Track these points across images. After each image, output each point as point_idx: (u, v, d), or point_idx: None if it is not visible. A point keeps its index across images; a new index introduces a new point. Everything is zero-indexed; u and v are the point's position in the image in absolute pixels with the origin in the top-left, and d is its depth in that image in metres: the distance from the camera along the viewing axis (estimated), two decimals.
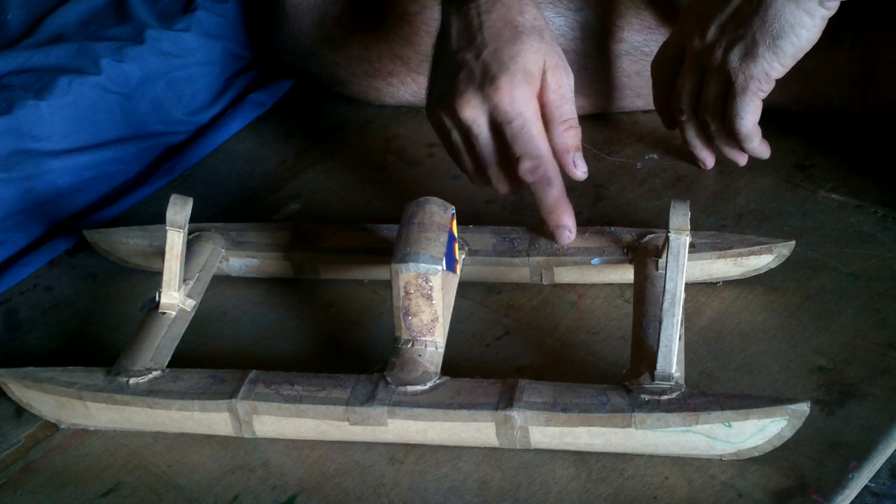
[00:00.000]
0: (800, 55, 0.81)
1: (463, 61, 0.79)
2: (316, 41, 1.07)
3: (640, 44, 0.99)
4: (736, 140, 0.87)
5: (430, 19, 1.01)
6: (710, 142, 0.92)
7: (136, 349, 0.76)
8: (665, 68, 0.91)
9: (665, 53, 0.91)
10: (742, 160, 0.91)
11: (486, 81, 0.77)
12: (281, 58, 1.14)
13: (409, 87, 1.06)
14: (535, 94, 0.78)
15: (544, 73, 0.79)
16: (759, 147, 0.89)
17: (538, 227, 0.83)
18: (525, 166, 0.77)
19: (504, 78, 0.76)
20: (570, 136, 0.80)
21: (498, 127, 0.78)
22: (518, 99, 0.77)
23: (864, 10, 0.91)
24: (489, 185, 0.83)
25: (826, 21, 0.79)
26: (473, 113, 0.78)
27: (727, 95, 0.85)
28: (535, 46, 0.78)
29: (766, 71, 0.82)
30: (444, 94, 0.80)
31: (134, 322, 0.84)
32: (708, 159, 0.93)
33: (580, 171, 0.81)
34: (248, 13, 1.17)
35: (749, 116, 0.85)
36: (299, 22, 1.08)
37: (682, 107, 0.89)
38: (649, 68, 0.96)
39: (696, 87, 0.88)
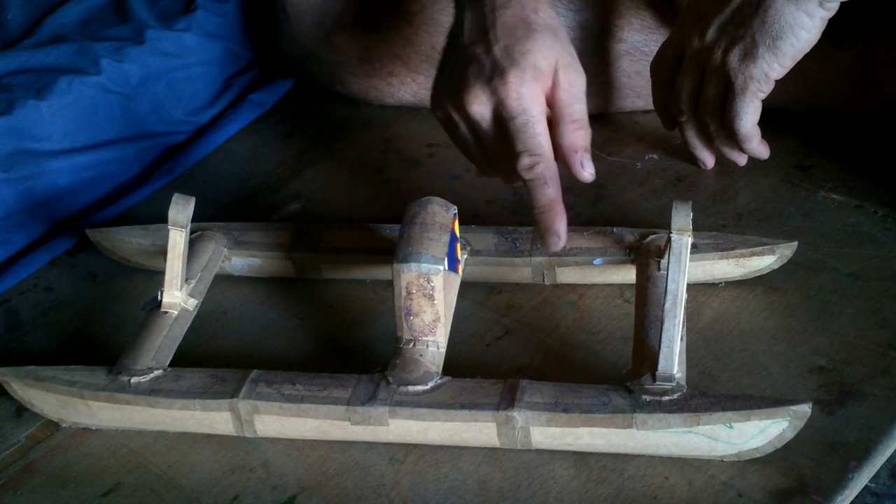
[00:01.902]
0: (799, 56, 0.81)
1: (473, 55, 0.78)
2: (316, 42, 1.07)
3: (639, 44, 0.99)
4: (735, 140, 0.88)
5: (431, 19, 1.01)
6: (709, 142, 0.92)
7: (137, 348, 0.76)
8: (664, 69, 0.91)
9: (664, 54, 0.91)
10: (742, 160, 0.92)
11: (494, 75, 0.76)
12: (281, 58, 1.14)
13: (409, 87, 1.06)
14: (544, 92, 0.77)
15: (556, 72, 0.77)
16: (759, 147, 0.89)
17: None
18: (523, 163, 0.75)
19: (513, 73, 0.76)
20: (580, 136, 0.78)
21: (502, 122, 0.77)
22: (525, 95, 0.75)
23: (864, 10, 0.92)
24: (498, 177, 0.83)
25: (826, 22, 0.79)
26: (481, 108, 0.77)
27: (727, 96, 0.85)
28: (548, 44, 0.77)
29: (765, 72, 0.82)
30: (452, 87, 0.79)
31: (134, 322, 0.84)
32: (708, 160, 0.93)
33: (587, 171, 0.79)
34: (248, 13, 1.17)
35: (748, 117, 0.85)
36: (299, 23, 1.08)
37: (682, 107, 0.89)
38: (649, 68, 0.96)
39: (695, 87, 0.88)
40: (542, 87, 0.77)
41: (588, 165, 0.78)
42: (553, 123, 0.78)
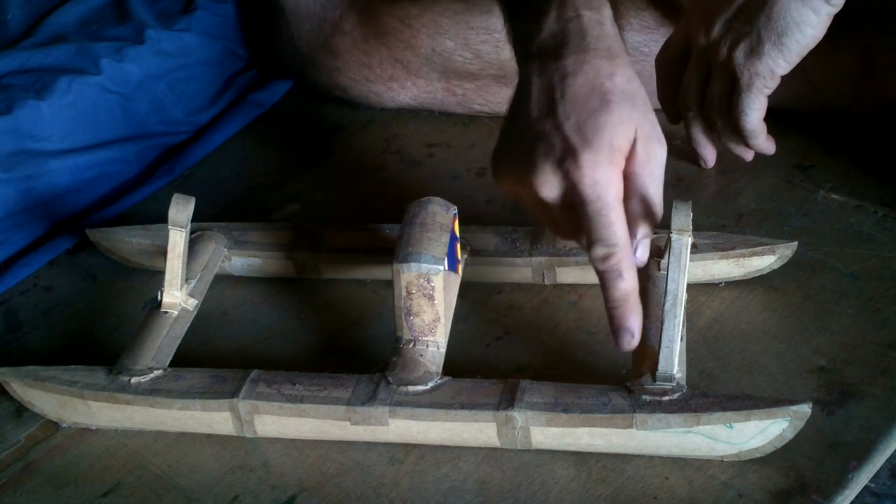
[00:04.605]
0: (805, 52, 0.81)
1: (542, 132, 0.69)
2: (315, 47, 1.07)
3: (639, 44, 0.99)
4: (741, 136, 0.87)
5: (431, 22, 1.01)
6: (714, 139, 0.92)
7: (137, 348, 0.76)
8: (670, 65, 0.91)
9: (670, 50, 0.90)
10: (748, 156, 0.91)
11: (566, 157, 0.68)
12: (282, 65, 1.14)
13: (409, 90, 1.06)
14: (620, 172, 0.69)
15: (634, 143, 0.68)
16: (765, 143, 0.88)
17: (539, 227, 0.83)
18: (597, 253, 0.68)
19: (586, 155, 0.67)
20: (646, 218, 0.70)
21: (575, 205, 0.69)
22: (600, 180, 0.67)
23: (864, 10, 0.92)
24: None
25: (831, 18, 0.79)
26: (551, 192, 0.70)
27: (732, 92, 0.85)
28: (626, 116, 0.68)
29: (771, 68, 0.81)
30: (519, 165, 0.71)
31: (134, 322, 0.84)
32: (710, 158, 0.93)
33: (638, 260, 0.70)
34: (248, 13, 1.17)
35: (754, 113, 0.85)
36: (298, 28, 1.08)
37: (689, 103, 0.89)
38: (649, 68, 0.96)
39: (702, 83, 0.87)
40: (619, 168, 0.68)
41: (641, 252, 0.70)
42: (624, 196, 0.70)
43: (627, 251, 0.68)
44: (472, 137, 1.03)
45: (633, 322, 0.68)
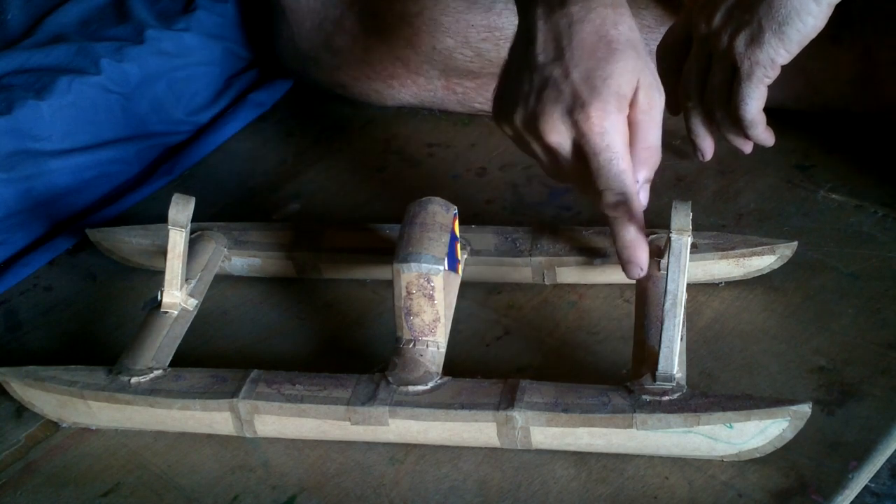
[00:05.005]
0: (805, 42, 0.81)
1: (550, 78, 0.72)
2: (316, 45, 1.07)
3: None
4: (741, 127, 0.87)
5: (431, 20, 1.01)
6: (713, 131, 0.91)
7: (137, 348, 0.76)
8: (670, 54, 0.90)
9: (671, 39, 0.90)
10: (747, 148, 0.91)
11: (575, 107, 0.71)
12: (282, 63, 1.14)
13: (409, 88, 1.06)
14: (626, 120, 0.72)
15: (636, 91, 0.73)
16: (764, 134, 0.88)
17: (539, 227, 0.83)
18: (608, 201, 0.72)
19: (595, 105, 0.70)
20: (648, 164, 0.75)
21: (584, 154, 0.73)
22: (609, 129, 0.71)
23: (864, 10, 0.92)
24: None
25: (832, 8, 0.79)
26: (560, 139, 0.73)
27: (733, 81, 0.85)
28: (631, 65, 0.71)
29: (771, 57, 0.81)
30: (527, 110, 0.74)
31: (134, 322, 0.84)
32: (707, 150, 0.92)
33: (642, 201, 0.76)
34: (248, 13, 1.17)
35: (754, 102, 0.84)
36: (299, 27, 1.08)
37: (689, 93, 0.89)
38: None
39: (702, 73, 0.87)
40: (625, 115, 0.72)
41: (643, 196, 0.76)
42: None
43: (636, 197, 0.73)
44: (473, 137, 1.03)
45: (642, 256, 0.74)
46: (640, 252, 0.74)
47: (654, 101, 0.73)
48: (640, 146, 0.74)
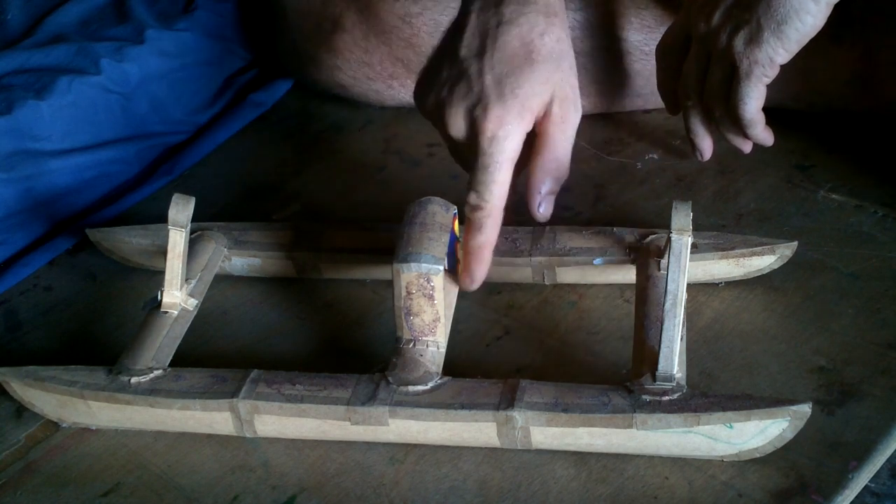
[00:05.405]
0: (804, 41, 0.81)
1: (466, 73, 0.74)
2: (316, 45, 1.07)
3: (639, 43, 0.99)
4: (740, 126, 0.87)
5: (431, 21, 1.01)
6: (712, 131, 0.91)
7: (137, 348, 0.76)
8: (670, 53, 0.90)
9: (670, 39, 0.90)
10: (746, 147, 0.91)
11: (478, 106, 0.72)
12: (282, 63, 1.14)
13: (409, 89, 1.05)
14: (524, 132, 0.73)
15: (551, 103, 0.73)
16: (763, 133, 0.88)
17: (539, 227, 0.83)
18: (470, 201, 0.73)
19: (495, 110, 0.71)
20: (552, 177, 0.75)
21: (473, 149, 0.74)
22: (499, 137, 0.72)
23: (864, 10, 0.92)
24: None
25: (831, 7, 0.79)
26: (457, 132, 0.75)
27: (732, 81, 0.85)
28: (545, 77, 0.72)
29: (770, 56, 0.81)
30: (437, 99, 0.77)
31: (134, 322, 0.84)
32: (706, 150, 0.92)
33: (542, 214, 0.77)
34: (249, 13, 1.17)
35: (753, 101, 0.84)
36: (299, 26, 1.08)
37: (689, 92, 0.89)
38: (649, 67, 0.96)
39: (701, 72, 0.87)
40: (524, 128, 0.73)
41: (545, 208, 0.77)
42: (534, 151, 0.75)
43: (496, 211, 0.73)
44: None
45: (479, 271, 0.75)
46: (479, 265, 0.74)
47: (567, 115, 0.74)
48: (548, 157, 0.74)
